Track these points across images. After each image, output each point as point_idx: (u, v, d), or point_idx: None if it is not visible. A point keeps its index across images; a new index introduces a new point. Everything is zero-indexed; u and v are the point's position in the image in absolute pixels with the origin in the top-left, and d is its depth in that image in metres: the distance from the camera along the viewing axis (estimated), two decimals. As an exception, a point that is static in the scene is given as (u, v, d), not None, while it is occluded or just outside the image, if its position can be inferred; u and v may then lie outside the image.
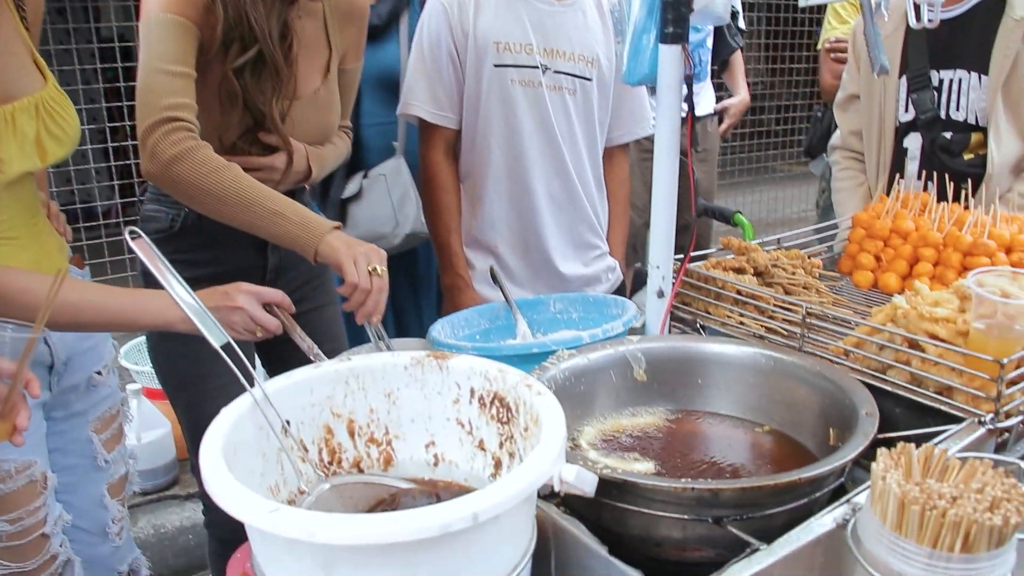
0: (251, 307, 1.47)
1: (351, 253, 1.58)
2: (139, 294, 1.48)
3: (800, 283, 1.62)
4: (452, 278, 2.32)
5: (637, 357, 1.44)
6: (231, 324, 1.46)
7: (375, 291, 1.57)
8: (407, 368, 1.12)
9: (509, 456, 1.06)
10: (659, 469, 1.25)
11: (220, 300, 1.46)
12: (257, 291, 1.49)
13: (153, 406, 3.18)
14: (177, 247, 1.88)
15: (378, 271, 1.57)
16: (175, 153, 1.60)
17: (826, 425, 1.25)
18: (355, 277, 1.56)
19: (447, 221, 2.31)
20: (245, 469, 1.00)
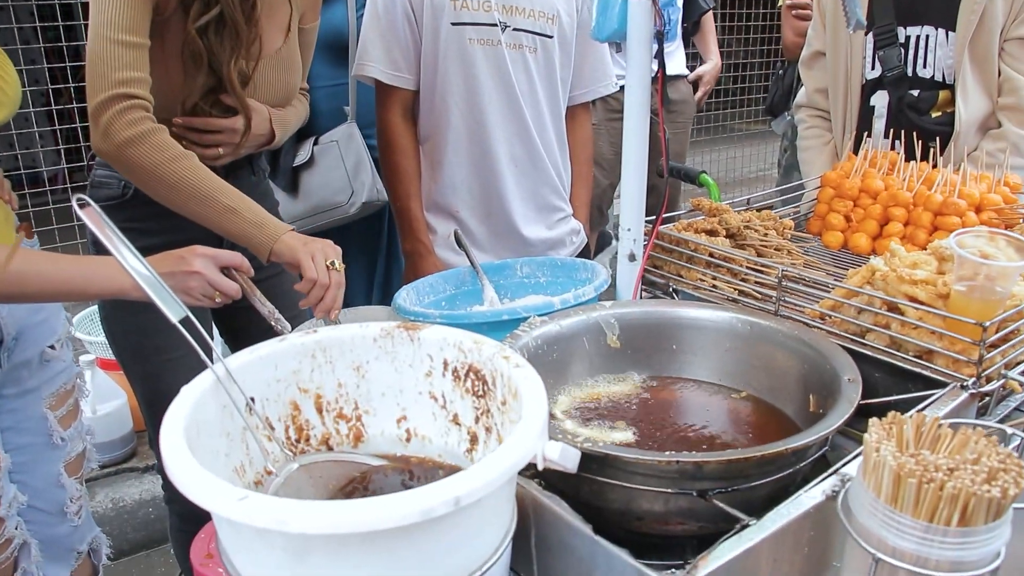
0: (208, 271, 1.41)
1: (308, 250, 1.56)
2: (88, 261, 1.41)
3: (772, 245, 1.59)
4: (413, 244, 2.26)
5: (610, 323, 1.40)
6: (188, 290, 1.40)
7: (333, 286, 1.55)
8: (376, 340, 1.07)
9: (486, 431, 1.02)
10: (637, 438, 1.22)
11: (175, 265, 1.40)
12: (214, 254, 1.43)
13: (108, 377, 3.10)
14: (130, 215, 1.81)
15: (335, 266, 1.53)
16: (130, 135, 1.54)
17: (806, 391, 1.23)
18: (313, 273, 1.53)
19: (406, 186, 2.25)
20: (208, 451, 0.95)
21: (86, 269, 1.38)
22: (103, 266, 1.38)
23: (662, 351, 1.40)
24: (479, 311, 1.47)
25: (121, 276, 1.37)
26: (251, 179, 2.00)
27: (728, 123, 7.16)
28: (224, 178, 1.83)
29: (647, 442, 1.21)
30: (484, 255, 2.31)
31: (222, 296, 1.44)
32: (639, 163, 1.52)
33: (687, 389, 1.37)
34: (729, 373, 1.36)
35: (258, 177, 2.04)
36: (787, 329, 1.29)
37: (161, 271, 1.40)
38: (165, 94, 1.66)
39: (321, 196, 2.45)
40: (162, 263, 1.40)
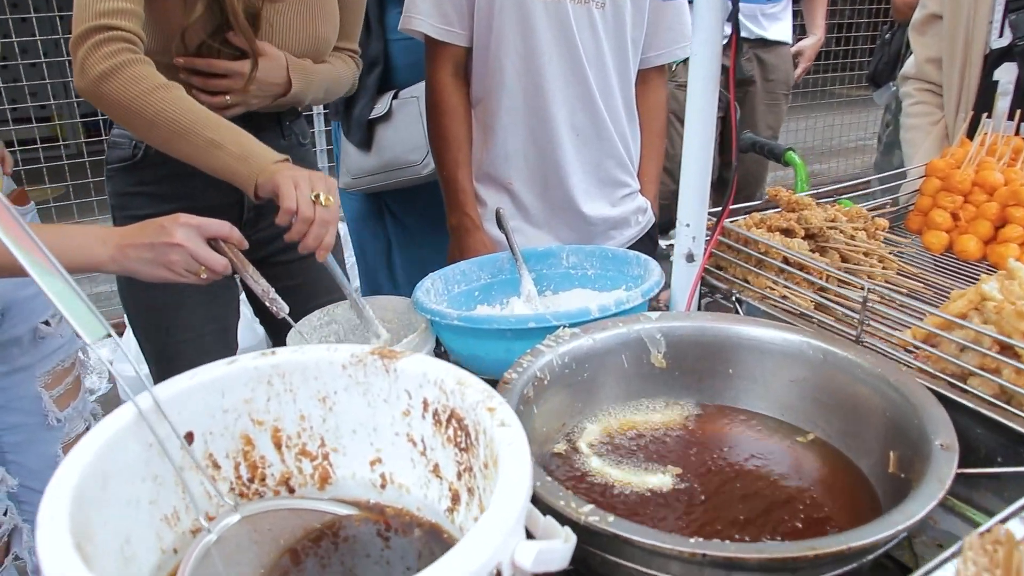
0: (192, 243, 1.23)
1: (290, 176, 1.36)
2: (61, 231, 1.25)
3: (861, 250, 1.33)
4: (459, 217, 2.05)
5: (656, 339, 1.18)
6: (169, 264, 1.23)
7: (318, 222, 1.35)
8: (346, 368, 0.87)
9: (468, 492, 0.82)
10: (677, 484, 1.01)
11: (155, 235, 1.23)
12: (199, 223, 1.25)
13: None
14: (141, 179, 1.65)
15: (321, 199, 1.34)
16: (105, 68, 1.37)
17: (886, 445, 0.99)
18: (291, 203, 1.34)
19: (455, 152, 2.03)
20: (122, 502, 0.77)
21: (59, 240, 1.22)
22: (76, 236, 1.22)
23: (716, 375, 1.18)
24: (503, 316, 1.26)
25: (96, 248, 1.22)
26: (279, 143, 1.81)
27: (827, 88, 6.70)
28: None
29: (688, 491, 1.00)
30: (539, 232, 2.10)
31: (208, 272, 1.26)
32: (702, 145, 1.27)
33: (742, 423, 1.14)
34: (793, 409, 1.13)
35: (289, 141, 1.86)
36: (869, 364, 1.05)
37: (139, 242, 1.23)
38: (164, 28, 1.49)
39: (394, 152, 2.29)
40: (141, 233, 1.23)
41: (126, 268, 1.23)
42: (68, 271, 1.26)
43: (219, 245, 1.29)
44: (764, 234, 1.33)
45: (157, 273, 1.24)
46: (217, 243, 1.29)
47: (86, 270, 1.24)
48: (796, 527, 0.93)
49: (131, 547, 0.77)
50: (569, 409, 1.13)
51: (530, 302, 1.49)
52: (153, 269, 1.24)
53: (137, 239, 1.22)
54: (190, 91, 1.51)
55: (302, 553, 0.88)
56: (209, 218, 1.27)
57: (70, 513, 0.67)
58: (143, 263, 1.23)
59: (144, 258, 1.23)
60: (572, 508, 0.81)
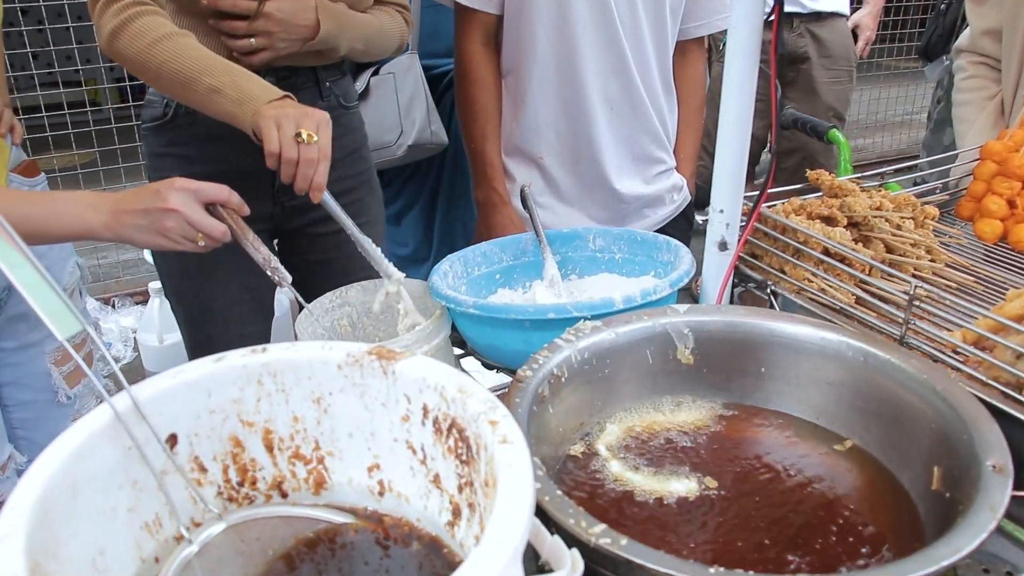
0: (188, 208, 1.18)
1: (274, 116, 1.29)
2: (51, 198, 1.20)
3: (908, 241, 1.24)
4: (486, 192, 1.98)
5: (683, 333, 1.10)
6: (165, 231, 1.18)
7: (303, 162, 1.29)
8: (341, 368, 0.81)
9: (469, 507, 0.75)
10: (703, 491, 0.95)
11: (150, 201, 1.17)
12: (196, 187, 1.19)
13: (177, 306, 2.96)
14: (172, 139, 1.61)
15: (303, 136, 1.27)
16: (114, 25, 1.36)
17: (930, 460, 0.91)
18: (273, 144, 1.28)
19: (483, 125, 1.96)
20: (96, 511, 0.71)
21: (48, 207, 1.17)
22: (67, 203, 1.17)
23: (747, 374, 1.10)
24: (521, 306, 1.19)
25: (88, 215, 1.17)
26: (316, 105, 1.74)
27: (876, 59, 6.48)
28: None
29: (715, 500, 0.93)
30: (569, 209, 2.02)
31: (206, 239, 1.20)
32: (740, 123, 1.19)
33: (774, 427, 1.07)
34: (830, 413, 1.05)
35: (329, 103, 1.78)
36: (914, 369, 0.96)
37: (134, 208, 1.17)
38: None
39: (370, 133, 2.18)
40: (135, 199, 1.18)
41: (121, 235, 1.18)
42: (61, 239, 1.22)
43: (217, 210, 1.23)
44: (803, 222, 1.24)
45: (152, 240, 1.19)
46: (215, 208, 1.23)
47: (79, 237, 1.19)
48: (830, 546, 0.86)
49: (105, 559, 0.71)
50: (588, 408, 1.06)
51: (553, 287, 1.42)
52: (148, 236, 1.18)
53: (132, 205, 1.17)
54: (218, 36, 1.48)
55: (297, 559, 0.82)
56: (207, 183, 1.21)
57: (28, 532, 0.61)
58: (138, 230, 1.17)
59: (138, 225, 1.17)
60: (582, 528, 0.74)
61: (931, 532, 0.86)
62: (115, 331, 3.25)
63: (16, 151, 1.51)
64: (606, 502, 0.94)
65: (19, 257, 0.73)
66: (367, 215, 1.91)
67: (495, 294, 1.48)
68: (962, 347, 1.04)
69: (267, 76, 1.62)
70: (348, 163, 1.85)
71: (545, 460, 0.95)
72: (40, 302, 0.73)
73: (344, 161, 1.83)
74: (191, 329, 1.84)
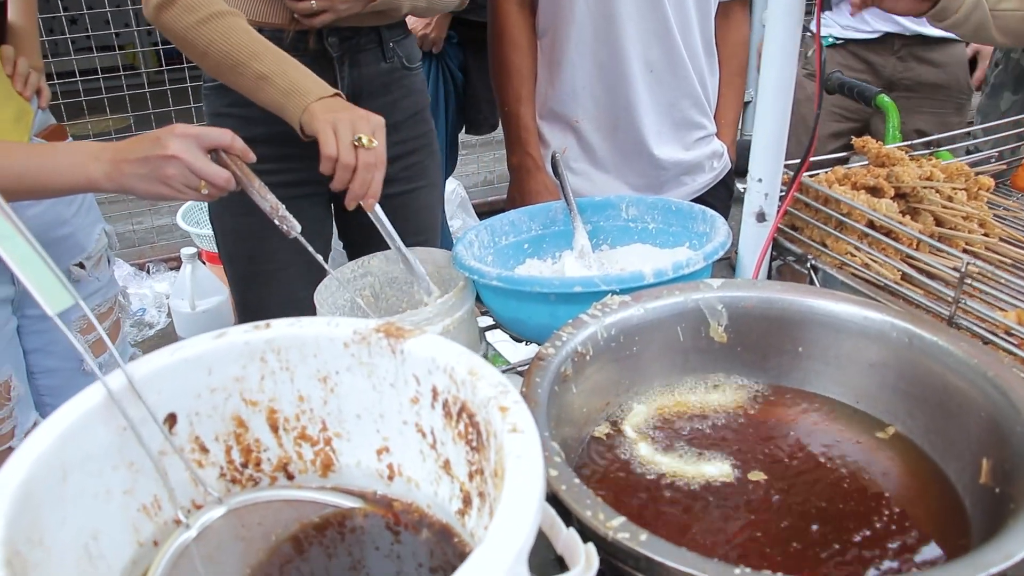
0: (189, 155, 1.14)
1: (329, 120, 1.25)
2: (52, 150, 1.16)
3: (959, 213, 1.17)
4: (520, 157, 1.93)
5: (716, 310, 1.05)
6: (166, 179, 1.14)
7: (361, 168, 1.24)
8: (348, 345, 0.76)
9: (480, 497, 0.71)
10: (738, 475, 0.90)
11: (149, 148, 1.13)
12: (197, 133, 1.15)
13: (210, 271, 2.96)
14: (232, 99, 1.59)
15: (363, 142, 1.23)
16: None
17: (979, 451, 0.85)
18: (331, 149, 1.24)
19: (517, 87, 1.90)
20: (89, 495, 0.68)
21: (47, 160, 1.14)
22: (67, 155, 1.14)
23: (783, 353, 1.04)
24: (546, 279, 1.14)
25: (89, 165, 1.13)
26: (380, 66, 1.71)
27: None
28: (348, 68, 1.61)
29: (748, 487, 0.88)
30: (606, 176, 1.96)
31: (209, 187, 1.16)
32: (781, 88, 1.12)
33: (812, 410, 1.01)
34: (872, 397, 0.99)
35: (391, 64, 1.74)
36: (963, 353, 0.90)
37: (133, 157, 1.13)
38: None
39: None
40: (136, 147, 1.14)
41: (122, 185, 1.14)
42: (63, 192, 1.19)
43: (221, 157, 1.19)
44: (847, 192, 1.17)
45: (154, 189, 1.15)
46: (219, 155, 1.18)
47: (82, 189, 1.16)
48: (869, 541, 0.80)
49: (99, 544, 0.68)
50: (615, 387, 1.01)
51: (583, 258, 1.37)
52: (149, 185, 1.14)
53: (132, 154, 1.13)
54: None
55: (304, 542, 0.79)
56: (210, 128, 1.17)
57: (10, 519, 0.58)
58: (138, 179, 1.13)
59: (139, 174, 1.13)
60: (600, 520, 0.69)
61: (978, 529, 0.81)
62: (149, 296, 3.26)
63: (43, 115, 1.49)
64: (633, 485, 0.89)
65: (9, 228, 0.69)
66: (427, 178, 1.89)
67: (523, 264, 1.43)
68: (1016, 329, 0.97)
69: (330, 36, 1.59)
70: (410, 125, 1.82)
71: (567, 442, 0.91)
72: (30, 275, 0.69)
73: (406, 123, 1.80)
74: (241, 290, 1.83)
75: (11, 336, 1.44)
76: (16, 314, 1.46)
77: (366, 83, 1.68)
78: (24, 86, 1.44)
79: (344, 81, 1.64)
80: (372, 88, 1.70)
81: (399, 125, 1.78)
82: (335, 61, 1.62)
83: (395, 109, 1.75)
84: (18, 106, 1.39)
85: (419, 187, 1.87)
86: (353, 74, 1.65)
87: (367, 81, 1.68)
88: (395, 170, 1.78)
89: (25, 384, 1.47)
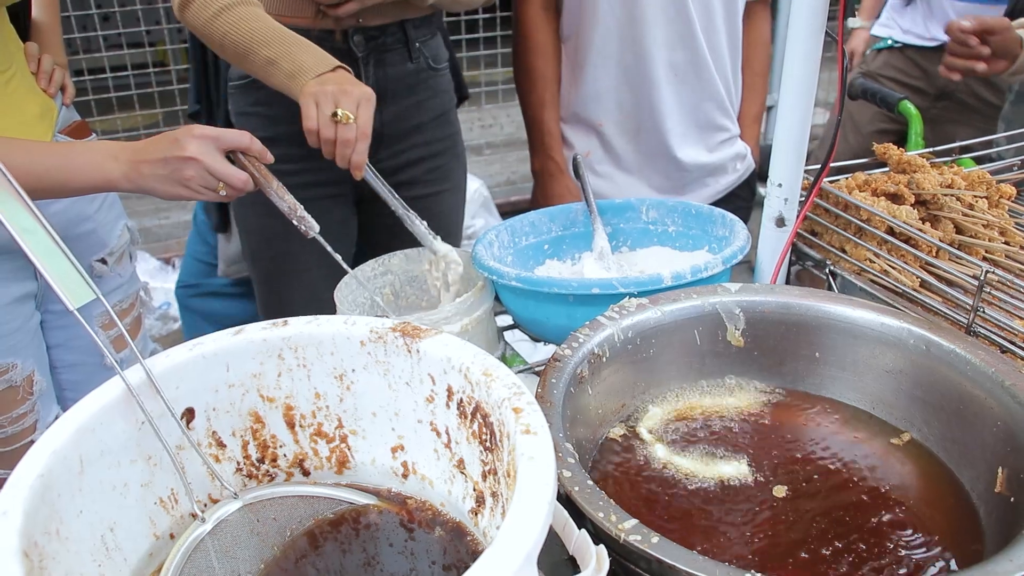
0: (207, 157, 1.16)
1: (312, 93, 1.27)
2: (71, 149, 1.18)
3: (980, 221, 1.16)
4: (543, 161, 1.94)
5: (734, 314, 1.05)
6: (185, 181, 1.16)
7: (340, 142, 1.27)
8: (364, 344, 0.77)
9: (493, 497, 0.71)
10: (756, 476, 0.91)
11: (168, 149, 1.15)
12: (216, 135, 1.17)
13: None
14: (257, 98, 1.60)
15: (339, 115, 1.25)
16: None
17: (995, 460, 0.84)
18: (311, 122, 1.27)
19: (541, 92, 1.91)
20: (103, 487, 0.69)
21: (66, 159, 1.16)
22: (84, 154, 1.16)
23: (800, 358, 1.04)
24: (564, 280, 1.14)
25: (106, 165, 1.16)
26: (406, 66, 1.72)
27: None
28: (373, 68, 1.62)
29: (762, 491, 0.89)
30: (629, 178, 1.96)
31: (227, 188, 1.18)
32: (802, 92, 1.12)
33: (828, 415, 1.01)
34: (888, 404, 0.99)
35: (417, 64, 1.74)
36: (980, 362, 0.89)
37: (152, 158, 1.15)
38: None
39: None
40: (154, 148, 1.16)
41: (141, 186, 1.16)
42: (82, 191, 1.21)
43: (239, 158, 1.20)
44: (867, 199, 1.17)
45: (173, 190, 1.17)
46: (237, 156, 1.20)
47: (100, 189, 1.18)
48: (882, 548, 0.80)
49: (115, 536, 0.70)
50: (631, 389, 1.02)
51: (603, 259, 1.37)
52: (168, 186, 1.16)
53: (150, 154, 1.15)
54: None
55: (320, 537, 0.80)
56: (228, 130, 1.19)
57: (28, 510, 0.59)
58: (157, 180, 1.16)
59: (158, 174, 1.15)
60: (612, 522, 0.70)
61: (992, 538, 0.80)
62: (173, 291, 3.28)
63: (67, 112, 1.50)
64: (647, 487, 0.90)
65: (32, 222, 0.71)
66: (451, 181, 1.89)
67: (543, 265, 1.43)
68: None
69: (355, 35, 1.59)
70: (435, 126, 1.82)
71: (581, 443, 0.91)
72: (52, 270, 0.70)
73: (431, 124, 1.80)
74: (265, 289, 1.84)
75: (35, 331, 1.46)
76: (39, 309, 1.47)
77: (391, 83, 1.68)
78: (48, 83, 1.45)
79: (369, 81, 1.64)
80: (397, 89, 1.70)
81: (424, 126, 1.78)
82: (360, 61, 1.62)
83: (420, 110, 1.76)
84: (43, 103, 1.41)
85: (443, 191, 1.87)
86: (378, 74, 1.66)
87: (392, 81, 1.68)
88: (420, 172, 1.78)
89: (48, 379, 1.49)
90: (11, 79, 1.33)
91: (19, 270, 1.37)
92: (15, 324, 1.38)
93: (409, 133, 1.73)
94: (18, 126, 1.32)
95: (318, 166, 1.49)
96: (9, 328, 1.36)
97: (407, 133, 1.74)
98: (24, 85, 1.37)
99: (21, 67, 1.38)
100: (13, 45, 1.37)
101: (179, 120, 3.86)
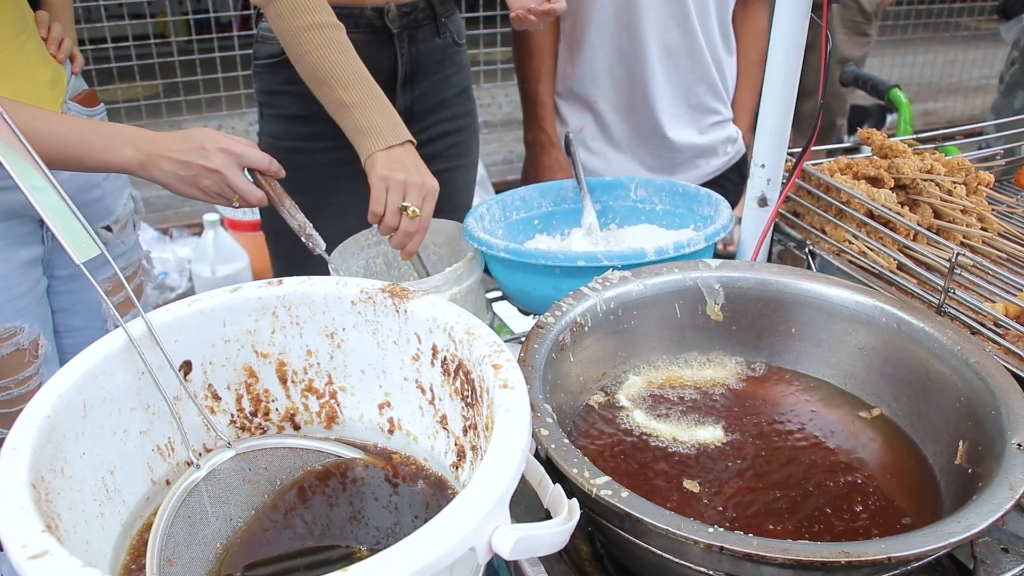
0: (230, 172, 1.20)
1: (384, 177, 1.29)
2: (91, 127, 1.21)
3: (958, 207, 1.20)
4: (535, 133, 1.97)
5: (713, 289, 1.08)
6: (202, 186, 1.21)
7: (401, 232, 1.29)
8: (355, 304, 0.81)
9: (472, 451, 0.75)
10: (731, 438, 0.95)
11: (194, 155, 1.19)
12: (239, 153, 1.21)
13: (231, 238, 3.01)
14: (289, 76, 1.61)
15: (409, 211, 1.27)
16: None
17: (956, 433, 0.88)
18: (378, 207, 1.28)
19: (537, 65, 1.93)
20: (108, 431, 0.73)
21: (85, 137, 1.19)
22: (102, 136, 1.19)
23: (776, 333, 1.08)
24: (551, 252, 1.17)
25: (121, 150, 1.19)
26: (435, 42, 1.73)
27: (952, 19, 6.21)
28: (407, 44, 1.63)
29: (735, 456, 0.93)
30: (622, 156, 2.00)
31: (240, 201, 1.23)
32: (786, 76, 1.15)
33: (801, 389, 1.05)
34: (859, 379, 1.02)
35: (444, 40, 1.76)
36: (948, 340, 0.93)
37: (175, 157, 1.19)
38: None
39: None
40: (179, 147, 1.19)
41: (153, 176, 1.20)
42: (95, 169, 1.24)
43: (256, 176, 1.25)
44: (848, 182, 1.20)
45: (186, 190, 1.22)
46: (254, 174, 1.25)
47: (110, 169, 1.21)
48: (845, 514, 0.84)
49: (115, 479, 0.73)
50: (611, 359, 1.05)
51: (591, 235, 1.40)
52: (183, 186, 1.21)
53: (173, 152, 1.19)
54: None
55: (308, 490, 0.84)
56: (250, 148, 1.23)
57: (35, 447, 0.63)
58: (174, 178, 1.20)
59: (177, 174, 1.20)
60: (585, 478, 0.74)
61: (950, 508, 0.84)
62: (171, 261, 3.32)
63: (76, 80, 1.53)
64: (624, 448, 0.93)
65: (41, 181, 0.74)
66: (468, 156, 1.91)
67: (532, 240, 1.47)
68: (1003, 320, 1.00)
69: (389, 11, 1.61)
70: (459, 102, 1.84)
71: (562, 408, 0.95)
72: (60, 226, 0.74)
73: (455, 99, 1.82)
74: (282, 265, 1.86)
75: (41, 295, 1.48)
76: (46, 274, 1.50)
77: (423, 59, 1.70)
78: (58, 49, 1.48)
79: (404, 57, 1.66)
80: (428, 64, 1.72)
81: (448, 101, 1.80)
82: (395, 37, 1.64)
83: (447, 85, 1.78)
84: (54, 70, 1.43)
85: (461, 165, 1.89)
86: (412, 51, 1.68)
87: (424, 57, 1.70)
88: (442, 147, 1.80)
89: (52, 342, 1.52)
90: (25, 42, 1.36)
91: (27, 235, 1.39)
92: (23, 288, 1.41)
93: (436, 108, 1.76)
94: (31, 91, 1.35)
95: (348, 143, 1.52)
96: (17, 292, 1.39)
97: (434, 108, 1.76)
98: (36, 51, 1.40)
99: (33, 34, 1.40)
100: (27, 10, 1.40)
101: (179, 91, 3.87)
